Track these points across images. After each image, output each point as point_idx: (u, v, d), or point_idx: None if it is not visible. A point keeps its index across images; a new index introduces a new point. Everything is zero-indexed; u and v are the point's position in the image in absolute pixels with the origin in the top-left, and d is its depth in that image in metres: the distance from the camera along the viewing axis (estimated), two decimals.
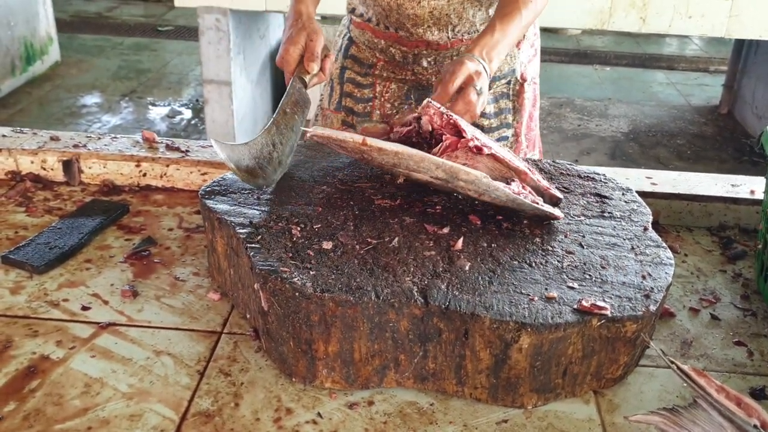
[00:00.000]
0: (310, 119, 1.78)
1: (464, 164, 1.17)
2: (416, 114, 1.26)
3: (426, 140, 1.26)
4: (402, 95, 1.61)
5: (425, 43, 1.55)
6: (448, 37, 1.55)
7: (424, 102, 1.23)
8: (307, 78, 1.36)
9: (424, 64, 1.58)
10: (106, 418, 0.94)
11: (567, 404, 1.01)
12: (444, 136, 1.21)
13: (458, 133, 1.21)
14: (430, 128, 1.24)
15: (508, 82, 1.62)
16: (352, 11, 1.66)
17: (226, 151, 1.17)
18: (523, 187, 1.18)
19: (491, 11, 1.55)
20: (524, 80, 1.62)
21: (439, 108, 1.22)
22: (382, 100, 1.62)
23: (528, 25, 1.44)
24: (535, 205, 1.15)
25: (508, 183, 1.17)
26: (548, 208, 1.17)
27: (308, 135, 1.20)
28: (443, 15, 1.51)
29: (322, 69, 1.38)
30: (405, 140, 1.26)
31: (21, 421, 0.93)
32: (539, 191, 1.21)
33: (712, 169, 4.81)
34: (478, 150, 1.19)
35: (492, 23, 1.38)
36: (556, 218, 1.17)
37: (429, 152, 1.20)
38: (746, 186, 1.53)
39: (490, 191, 1.13)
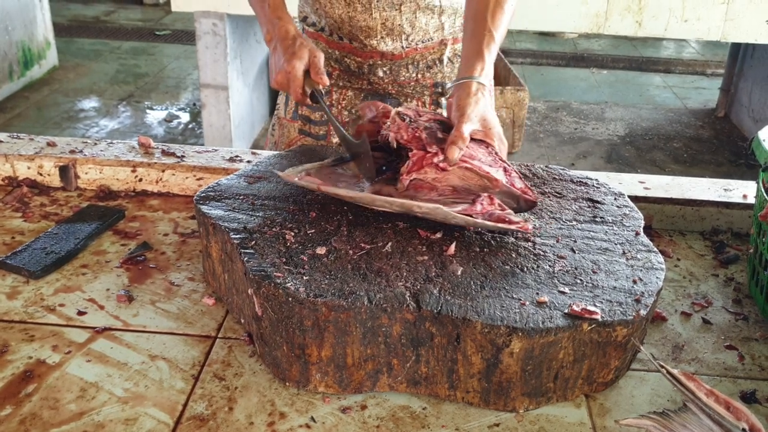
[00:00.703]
0: (268, 128, 1.78)
1: (433, 179, 1.16)
2: (377, 119, 1.26)
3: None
4: (358, 102, 1.61)
5: (379, 54, 1.55)
6: (402, 47, 1.54)
7: (392, 113, 1.23)
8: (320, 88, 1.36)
9: (380, 74, 1.57)
10: (102, 422, 0.95)
11: (558, 408, 1.02)
12: (411, 153, 1.19)
13: (424, 147, 1.18)
14: (395, 144, 1.21)
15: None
16: (303, 20, 1.64)
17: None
18: (491, 201, 1.15)
19: (443, 18, 1.54)
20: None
21: (403, 118, 1.22)
22: (339, 107, 1.62)
23: (508, 24, 1.39)
24: (499, 225, 1.12)
25: (474, 200, 1.15)
26: (514, 221, 1.13)
27: (281, 175, 1.21)
28: (396, 25, 1.50)
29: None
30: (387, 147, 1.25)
31: (17, 425, 0.94)
32: (513, 196, 1.19)
33: (709, 172, 4.83)
34: (442, 168, 1.16)
35: (481, 46, 1.31)
36: (524, 231, 1.13)
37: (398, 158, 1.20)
38: (739, 190, 1.54)
39: (448, 219, 1.12)
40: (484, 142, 1.22)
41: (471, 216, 1.12)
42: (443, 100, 1.61)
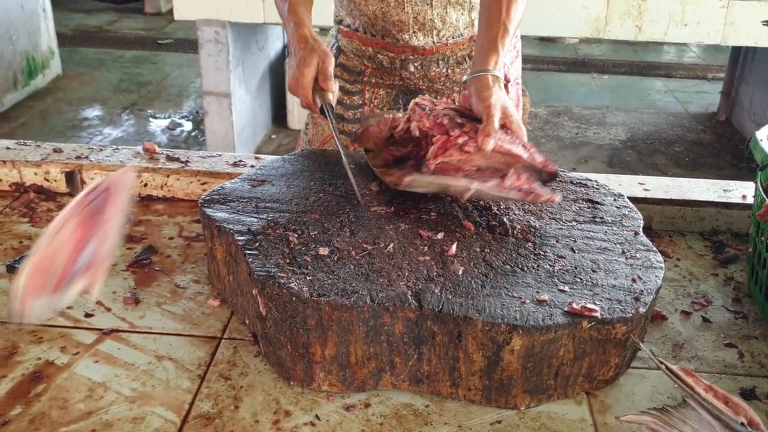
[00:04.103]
0: (301, 129, 1.81)
1: (458, 160, 1.22)
2: (406, 116, 1.32)
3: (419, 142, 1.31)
4: (390, 100, 1.66)
5: (411, 49, 1.59)
6: (433, 42, 1.58)
7: (411, 104, 1.28)
8: (331, 97, 1.37)
9: (411, 69, 1.61)
10: (110, 421, 0.97)
11: (559, 405, 1.03)
12: (435, 138, 1.24)
13: (446, 131, 1.24)
14: (417, 132, 1.28)
15: None
16: (339, 22, 1.70)
17: None
18: (518, 176, 1.21)
19: (473, 15, 1.58)
20: (507, 81, 1.66)
21: (422, 108, 1.28)
22: (372, 106, 1.66)
23: (520, 22, 1.43)
24: (530, 197, 1.20)
25: (503, 176, 1.21)
26: (543, 192, 1.21)
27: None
28: (427, 20, 1.55)
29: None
30: (403, 140, 1.32)
31: (27, 425, 0.96)
32: (535, 170, 1.26)
33: (710, 175, 4.84)
34: (467, 151, 1.21)
35: (495, 41, 1.35)
36: (552, 201, 1.22)
37: (425, 149, 1.26)
38: (738, 191, 1.56)
39: (482, 196, 1.19)
40: (503, 126, 1.28)
41: (503, 192, 1.18)
42: (457, 69, 1.64)
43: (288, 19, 1.44)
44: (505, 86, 1.65)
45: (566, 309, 1.00)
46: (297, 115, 5.42)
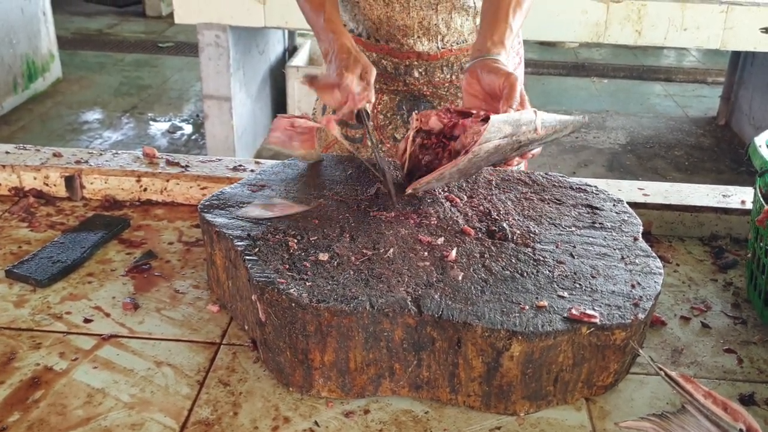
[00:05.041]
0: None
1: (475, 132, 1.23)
2: (415, 127, 1.30)
3: (437, 144, 1.31)
4: (394, 106, 1.66)
5: (415, 54, 1.59)
6: (438, 48, 1.59)
7: (413, 116, 1.28)
8: (368, 107, 1.38)
9: (415, 74, 1.62)
10: (109, 428, 0.97)
11: (559, 411, 1.03)
12: (459, 123, 1.25)
13: (465, 114, 1.26)
14: (441, 125, 1.28)
15: None
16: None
17: None
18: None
19: (478, 20, 1.58)
20: None
21: (431, 112, 1.28)
22: (375, 111, 1.66)
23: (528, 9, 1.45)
24: (566, 117, 1.27)
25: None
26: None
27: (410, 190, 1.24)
28: (432, 25, 1.55)
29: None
30: (420, 154, 1.31)
31: (25, 431, 0.96)
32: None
33: (710, 180, 4.84)
34: (486, 118, 1.22)
35: (505, 21, 1.38)
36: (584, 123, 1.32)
37: (448, 148, 1.27)
38: (737, 196, 1.56)
39: (546, 124, 1.23)
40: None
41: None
42: (461, 75, 1.64)
43: (325, 29, 1.42)
44: None
45: (565, 315, 1.00)
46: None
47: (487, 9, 1.42)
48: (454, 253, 1.12)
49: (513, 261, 1.12)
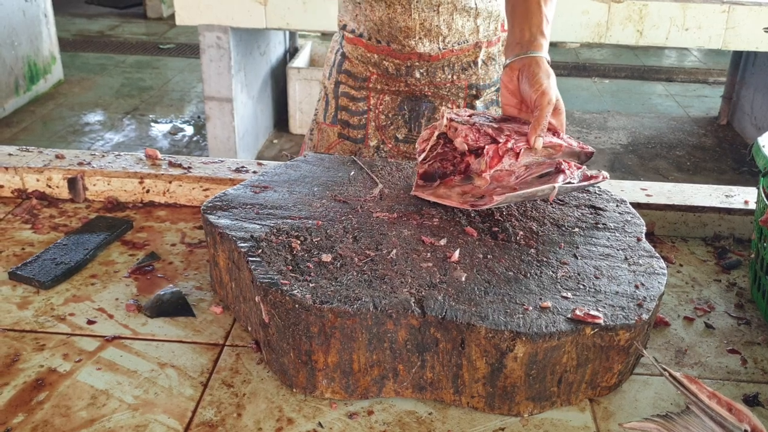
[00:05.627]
0: (305, 134, 1.82)
1: (510, 164, 1.25)
2: (440, 131, 1.31)
3: (455, 156, 1.32)
4: (396, 106, 1.66)
5: (417, 55, 1.59)
6: (439, 49, 1.59)
7: (445, 116, 1.29)
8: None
9: (417, 75, 1.62)
10: (113, 429, 0.97)
11: (563, 412, 1.03)
12: (485, 149, 1.25)
13: (494, 139, 1.25)
14: (466, 147, 1.28)
15: (498, 90, 1.65)
16: (343, 27, 1.70)
17: None
18: (569, 165, 1.24)
19: (479, 21, 1.59)
20: None
21: (461, 122, 1.27)
22: (377, 112, 1.66)
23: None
24: (591, 182, 1.26)
25: (559, 169, 1.23)
26: (596, 175, 1.27)
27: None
28: (433, 26, 1.55)
29: None
30: (439, 160, 1.32)
31: None
32: (574, 154, 1.29)
33: (712, 179, 4.84)
34: (517, 155, 1.24)
35: (540, 16, 1.36)
36: (605, 179, 1.28)
37: (467, 161, 1.29)
38: (740, 196, 1.56)
39: (561, 193, 1.23)
40: (518, 117, 1.34)
41: (571, 183, 1.22)
42: (477, 103, 1.64)
43: None
44: None
45: (569, 316, 1.00)
46: (299, 120, 5.42)
47: (517, 1, 1.41)
48: (457, 253, 1.12)
49: (516, 262, 1.12)
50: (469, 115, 1.32)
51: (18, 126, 5.44)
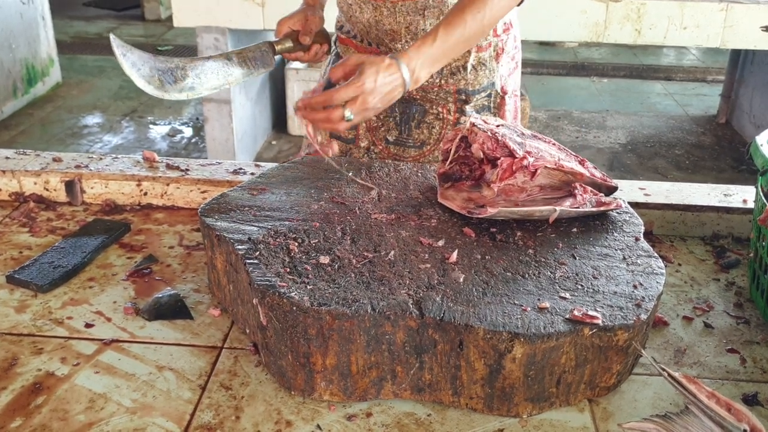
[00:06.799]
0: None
1: (523, 182, 1.25)
2: (462, 134, 1.32)
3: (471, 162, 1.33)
4: (387, 108, 1.64)
5: None
6: None
7: (468, 125, 1.30)
8: (278, 47, 1.55)
9: None
10: None
11: (562, 413, 1.03)
12: (500, 161, 1.25)
13: (511, 153, 1.25)
14: (481, 154, 1.29)
15: (489, 95, 1.64)
16: (339, 28, 1.71)
17: (129, 57, 1.37)
18: (584, 191, 1.25)
19: None
20: (505, 93, 1.66)
21: (486, 132, 1.27)
22: None
23: (474, 35, 1.38)
24: (602, 208, 1.25)
25: (572, 193, 1.24)
26: (610, 202, 1.26)
27: None
28: (419, 30, 1.55)
29: (307, 50, 1.56)
30: (459, 163, 1.33)
31: None
32: (595, 185, 1.29)
33: (711, 178, 4.84)
34: (533, 173, 1.24)
35: (434, 31, 1.34)
36: (619, 207, 1.26)
37: (483, 169, 1.30)
38: (739, 195, 1.56)
39: (563, 215, 1.22)
40: (551, 139, 1.33)
41: (580, 207, 1.22)
42: (468, 108, 1.64)
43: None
44: (502, 99, 1.65)
45: (568, 316, 0.99)
46: (297, 121, 5.41)
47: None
48: (455, 254, 1.12)
49: (514, 262, 1.12)
50: (498, 125, 1.32)
51: (16, 129, 5.43)
